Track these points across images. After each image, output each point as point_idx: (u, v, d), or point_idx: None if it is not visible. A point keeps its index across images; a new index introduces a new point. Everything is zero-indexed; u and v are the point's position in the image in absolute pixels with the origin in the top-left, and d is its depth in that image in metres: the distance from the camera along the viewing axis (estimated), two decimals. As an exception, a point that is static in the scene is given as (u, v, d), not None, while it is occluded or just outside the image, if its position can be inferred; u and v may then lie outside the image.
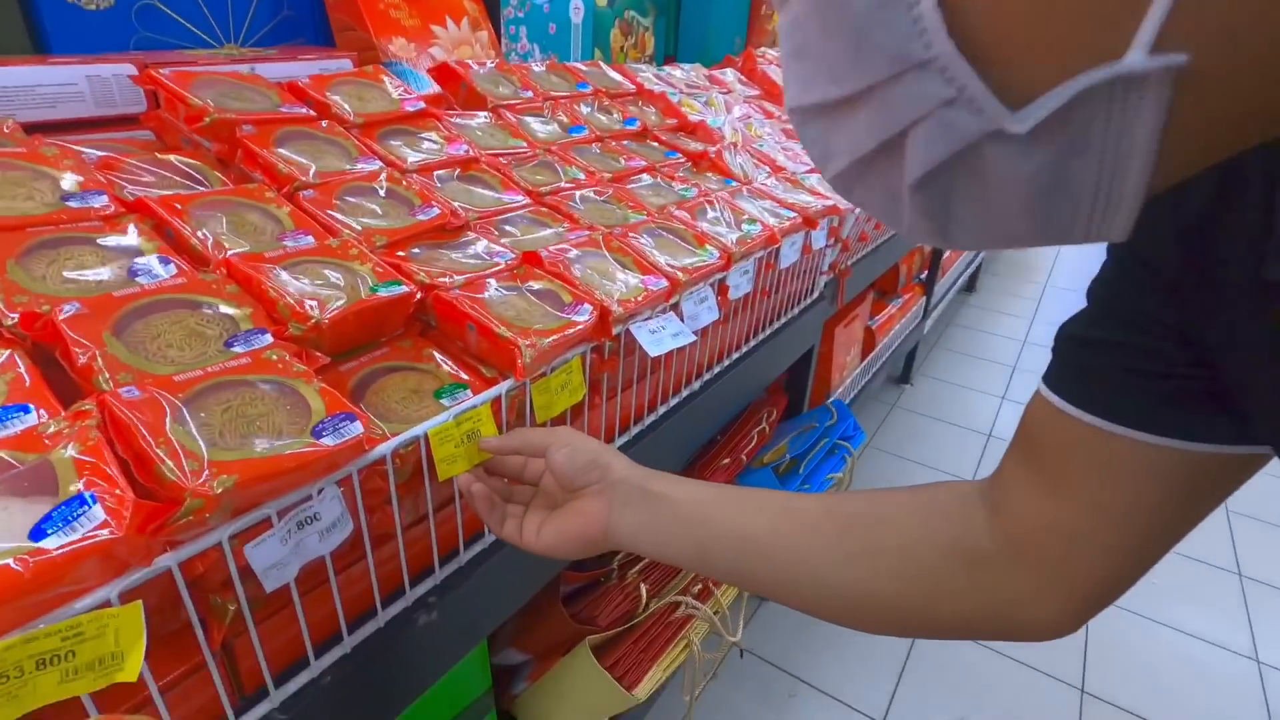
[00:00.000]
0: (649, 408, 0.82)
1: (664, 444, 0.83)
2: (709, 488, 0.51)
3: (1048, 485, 0.39)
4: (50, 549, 0.33)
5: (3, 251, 0.48)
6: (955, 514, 0.44)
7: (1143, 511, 0.35)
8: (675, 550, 0.49)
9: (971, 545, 0.42)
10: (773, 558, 0.46)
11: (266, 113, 0.73)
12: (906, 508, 0.45)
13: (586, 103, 1.13)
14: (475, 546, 0.61)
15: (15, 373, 0.42)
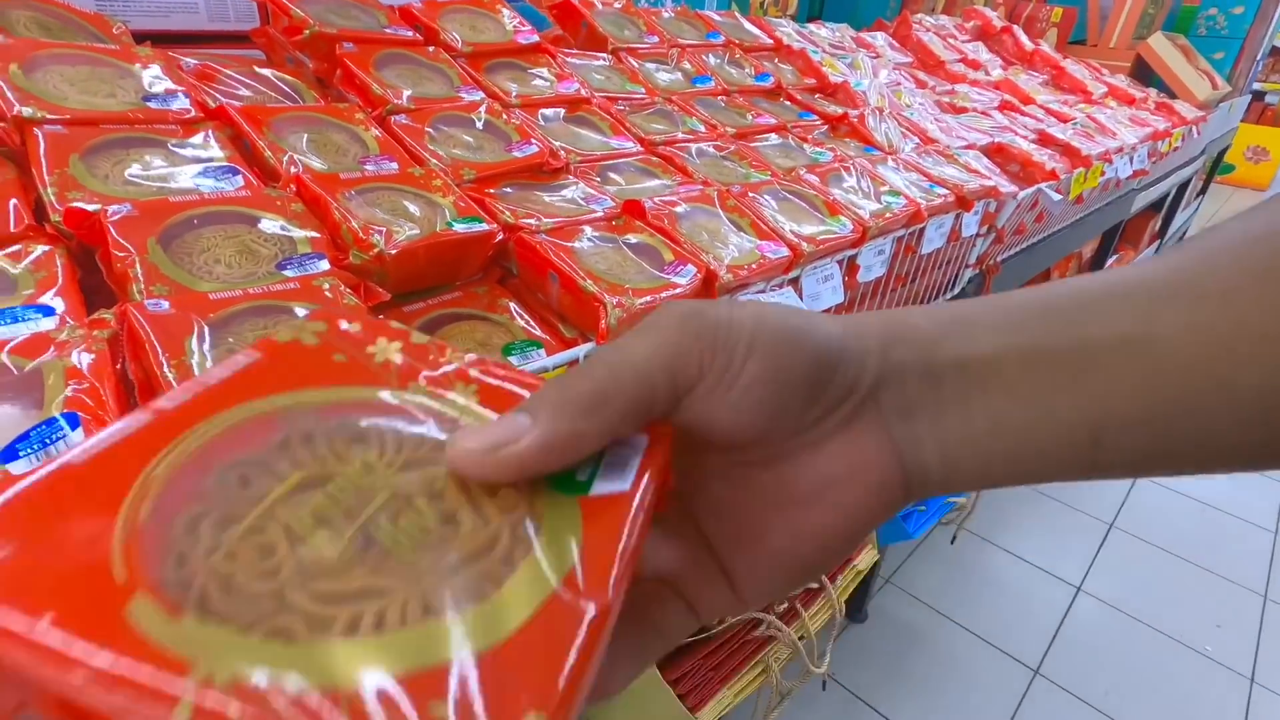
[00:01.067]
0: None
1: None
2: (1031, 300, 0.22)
3: None
4: (14, 474, 0.28)
5: (70, 145, 0.45)
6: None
7: None
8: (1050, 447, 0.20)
9: None
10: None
11: (370, 31, 0.68)
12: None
13: (716, 54, 1.02)
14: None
15: (48, 271, 0.38)
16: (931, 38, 1.51)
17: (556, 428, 0.16)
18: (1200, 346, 0.18)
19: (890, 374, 0.20)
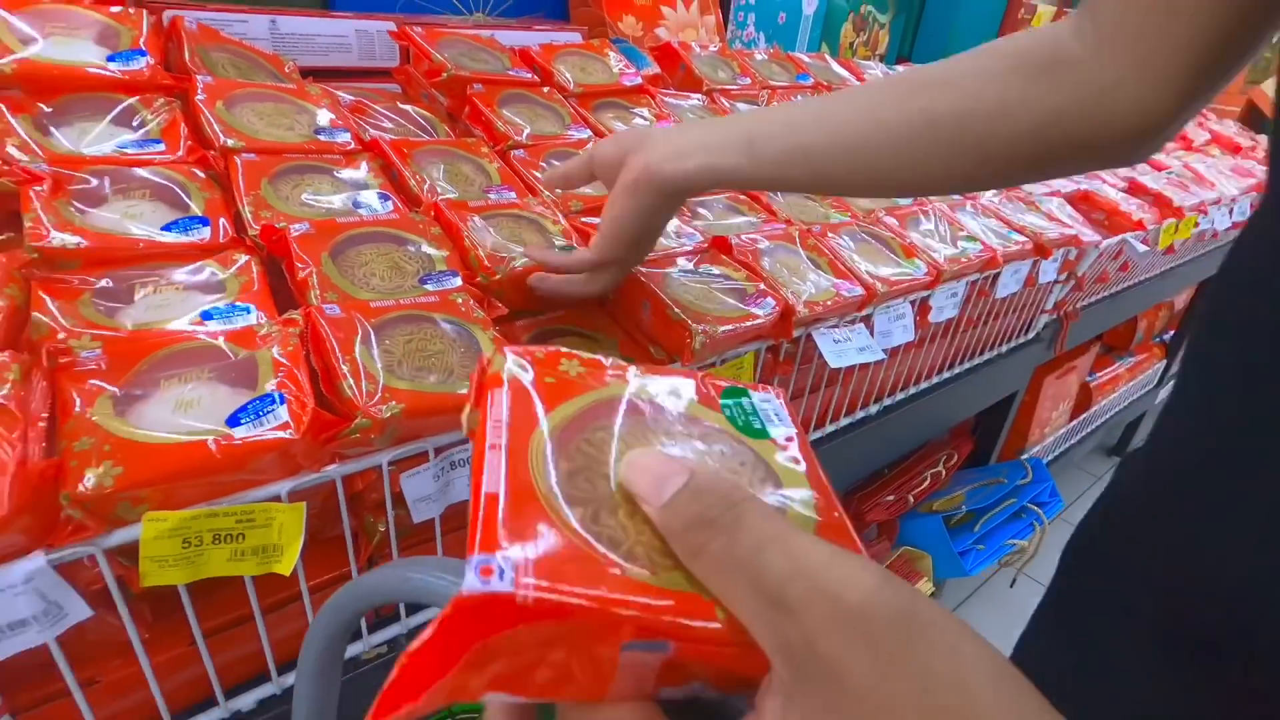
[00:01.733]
0: (817, 423, 0.75)
1: (827, 462, 0.76)
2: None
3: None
4: (237, 437, 0.36)
5: (261, 171, 0.54)
6: (1030, 35, 0.39)
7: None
8: (726, 158, 0.43)
9: (1051, 50, 0.37)
10: (828, 121, 0.41)
11: (496, 74, 0.77)
12: (975, 50, 0.41)
13: (804, 95, 1.07)
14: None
15: (249, 276, 0.47)
16: (1023, 80, 1.51)
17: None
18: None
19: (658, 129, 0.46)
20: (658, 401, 0.24)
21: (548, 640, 0.17)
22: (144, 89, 0.56)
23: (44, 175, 0.46)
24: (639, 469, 0.20)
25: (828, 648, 0.15)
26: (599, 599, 0.17)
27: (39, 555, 0.32)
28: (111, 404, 0.36)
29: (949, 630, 0.15)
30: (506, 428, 0.21)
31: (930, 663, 0.15)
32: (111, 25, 0.58)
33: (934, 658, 0.15)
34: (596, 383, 0.24)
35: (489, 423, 0.21)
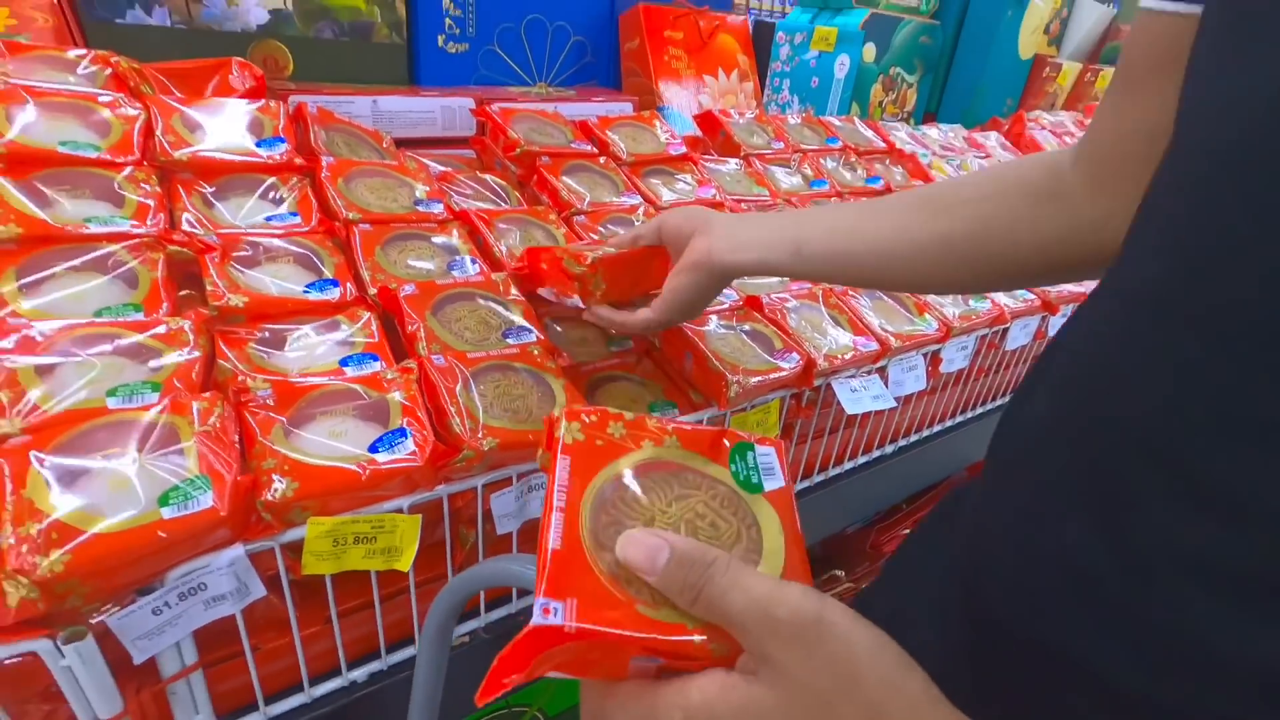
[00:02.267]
0: (836, 460, 0.84)
1: (845, 496, 0.85)
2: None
3: (1128, 88, 0.39)
4: (379, 461, 0.46)
5: (375, 239, 0.66)
6: (1037, 163, 0.46)
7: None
8: (776, 255, 0.52)
9: (1053, 182, 0.44)
10: (863, 233, 0.50)
11: (560, 147, 0.88)
12: (988, 172, 0.49)
13: (834, 157, 1.17)
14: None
15: (370, 331, 0.58)
16: (1046, 135, 1.59)
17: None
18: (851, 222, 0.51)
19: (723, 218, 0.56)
20: (680, 462, 0.34)
21: (586, 650, 0.27)
22: (283, 170, 0.69)
23: (215, 246, 0.59)
24: (634, 546, 0.28)
25: (771, 650, 0.25)
26: (617, 635, 0.27)
27: (239, 546, 0.43)
28: (283, 432, 0.47)
29: (844, 623, 0.25)
30: (565, 492, 0.31)
31: (833, 648, 0.24)
32: (257, 117, 0.71)
33: (835, 644, 0.24)
34: (635, 445, 0.34)
35: (555, 487, 0.31)
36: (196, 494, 0.41)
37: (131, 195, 0.59)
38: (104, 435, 0.43)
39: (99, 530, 0.38)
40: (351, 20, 0.96)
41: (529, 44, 1.13)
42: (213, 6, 0.86)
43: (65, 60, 0.70)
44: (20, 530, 0.37)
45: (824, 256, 0.51)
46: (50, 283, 0.52)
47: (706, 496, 0.33)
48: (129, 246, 0.55)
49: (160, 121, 0.65)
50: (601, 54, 1.22)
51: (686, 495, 0.32)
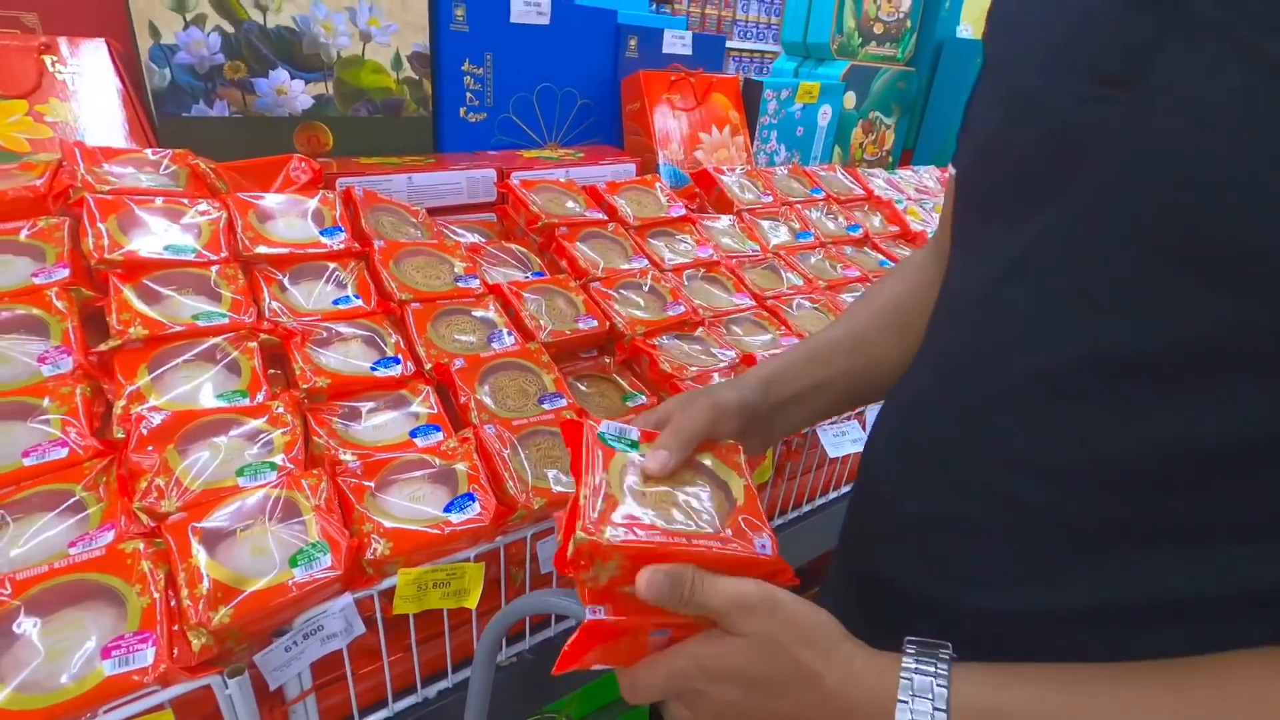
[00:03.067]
0: (822, 490, 0.96)
1: (830, 521, 0.97)
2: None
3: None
4: (454, 522, 0.58)
5: (426, 316, 0.78)
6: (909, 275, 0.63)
7: None
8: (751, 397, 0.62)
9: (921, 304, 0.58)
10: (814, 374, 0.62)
11: (575, 217, 1.00)
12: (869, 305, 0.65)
13: (817, 208, 1.29)
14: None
15: (430, 403, 0.70)
16: (1014, 173, 1.72)
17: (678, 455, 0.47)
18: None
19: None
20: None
21: (619, 636, 0.40)
22: (343, 256, 0.80)
23: (297, 331, 0.70)
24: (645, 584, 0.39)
25: (744, 623, 0.38)
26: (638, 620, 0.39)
27: (348, 595, 0.54)
28: (373, 499, 0.59)
29: (789, 601, 0.38)
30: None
31: (782, 613, 0.38)
32: (319, 208, 0.82)
33: (784, 610, 0.38)
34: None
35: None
36: (319, 556, 0.52)
37: (226, 291, 0.70)
38: (240, 508, 0.54)
39: (252, 590, 0.49)
40: (384, 99, 1.07)
41: (540, 109, 1.24)
42: (265, 96, 0.97)
43: (150, 161, 0.81)
44: (194, 591, 0.48)
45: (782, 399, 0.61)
46: (172, 375, 0.63)
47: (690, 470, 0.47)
48: (230, 338, 0.66)
49: (239, 219, 0.76)
50: (604, 114, 1.33)
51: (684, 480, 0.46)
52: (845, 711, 0.36)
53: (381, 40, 1.03)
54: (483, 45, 1.13)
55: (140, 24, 0.86)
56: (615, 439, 0.47)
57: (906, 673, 0.35)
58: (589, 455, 0.45)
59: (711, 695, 0.39)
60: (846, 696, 0.36)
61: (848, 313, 0.64)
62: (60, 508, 0.52)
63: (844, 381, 0.60)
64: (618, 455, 0.46)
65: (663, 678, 0.40)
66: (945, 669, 0.35)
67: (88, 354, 0.62)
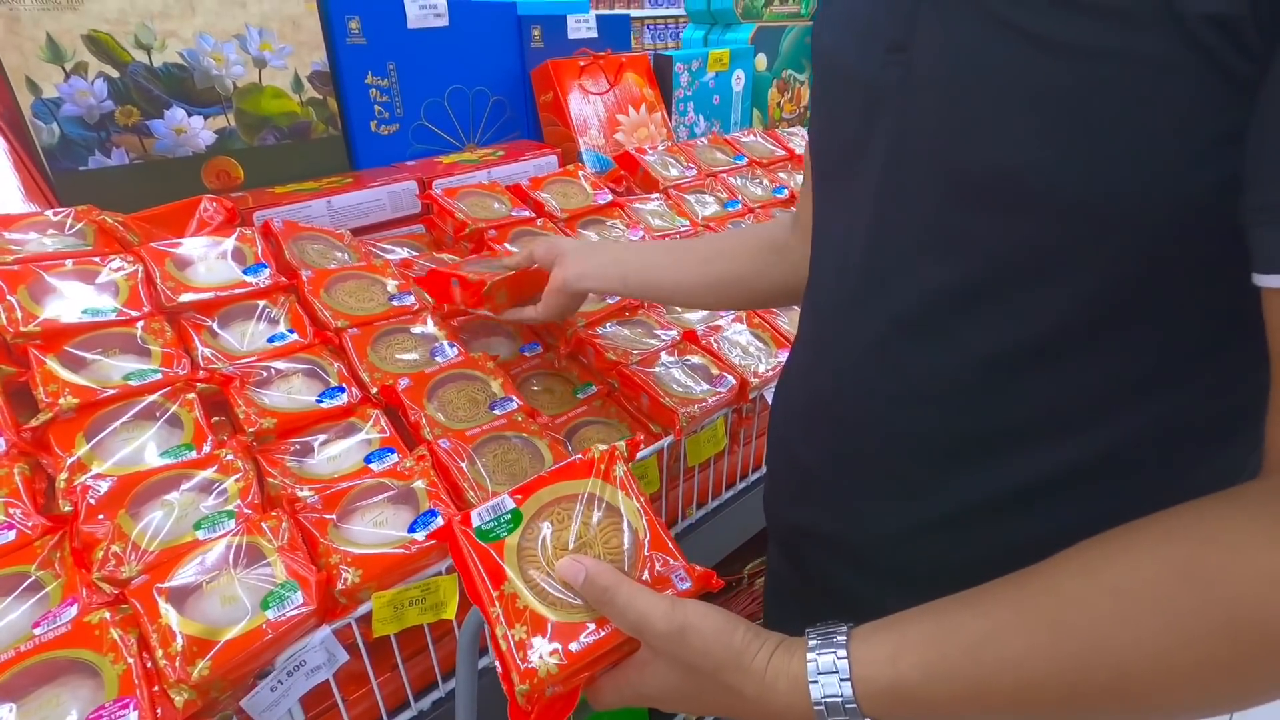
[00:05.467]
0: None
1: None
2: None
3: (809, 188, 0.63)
4: (420, 540, 0.59)
5: (364, 341, 0.78)
6: (774, 227, 0.71)
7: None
8: (609, 284, 0.73)
9: (782, 236, 0.69)
10: (665, 271, 0.71)
11: (502, 219, 1.00)
12: (745, 233, 0.74)
13: (741, 175, 1.31)
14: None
15: (381, 426, 0.70)
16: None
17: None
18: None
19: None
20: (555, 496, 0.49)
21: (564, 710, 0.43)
22: (271, 292, 0.79)
23: (234, 376, 0.69)
24: (565, 569, 0.45)
25: (653, 641, 0.42)
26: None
27: (326, 628, 0.55)
28: (336, 529, 0.60)
29: (695, 626, 0.40)
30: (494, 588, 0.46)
31: (692, 646, 0.40)
32: (238, 246, 0.81)
33: (692, 641, 0.40)
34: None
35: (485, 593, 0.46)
36: (290, 595, 0.53)
37: (154, 346, 0.69)
38: (202, 562, 0.54)
39: (227, 639, 0.50)
40: (290, 124, 1.05)
41: (453, 112, 1.23)
42: (164, 138, 0.94)
43: (53, 222, 0.78)
44: (169, 650, 0.49)
45: (641, 287, 0.71)
46: (112, 439, 0.62)
47: (583, 509, 0.49)
48: (166, 393, 0.66)
49: (157, 270, 0.75)
50: (519, 108, 1.32)
51: (567, 519, 0.48)
52: (771, 708, 0.39)
53: (277, 64, 1.01)
54: (383, 55, 1.11)
55: (17, 80, 0.83)
56: (493, 525, 0.47)
57: (813, 675, 0.37)
58: (478, 572, 0.45)
59: (655, 700, 0.44)
60: (767, 705, 0.39)
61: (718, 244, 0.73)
62: (17, 590, 0.52)
63: (700, 283, 0.70)
64: (506, 543, 0.46)
65: (613, 699, 0.45)
66: (845, 659, 0.37)
67: (19, 431, 0.60)
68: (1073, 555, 0.35)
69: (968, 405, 0.43)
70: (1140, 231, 0.34)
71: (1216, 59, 0.29)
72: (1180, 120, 0.31)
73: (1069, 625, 0.33)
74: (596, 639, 0.43)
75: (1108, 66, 0.31)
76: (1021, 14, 0.33)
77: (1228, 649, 0.29)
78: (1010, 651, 0.34)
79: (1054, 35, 0.33)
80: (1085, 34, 0.31)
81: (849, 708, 0.36)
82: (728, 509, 0.91)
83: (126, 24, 0.87)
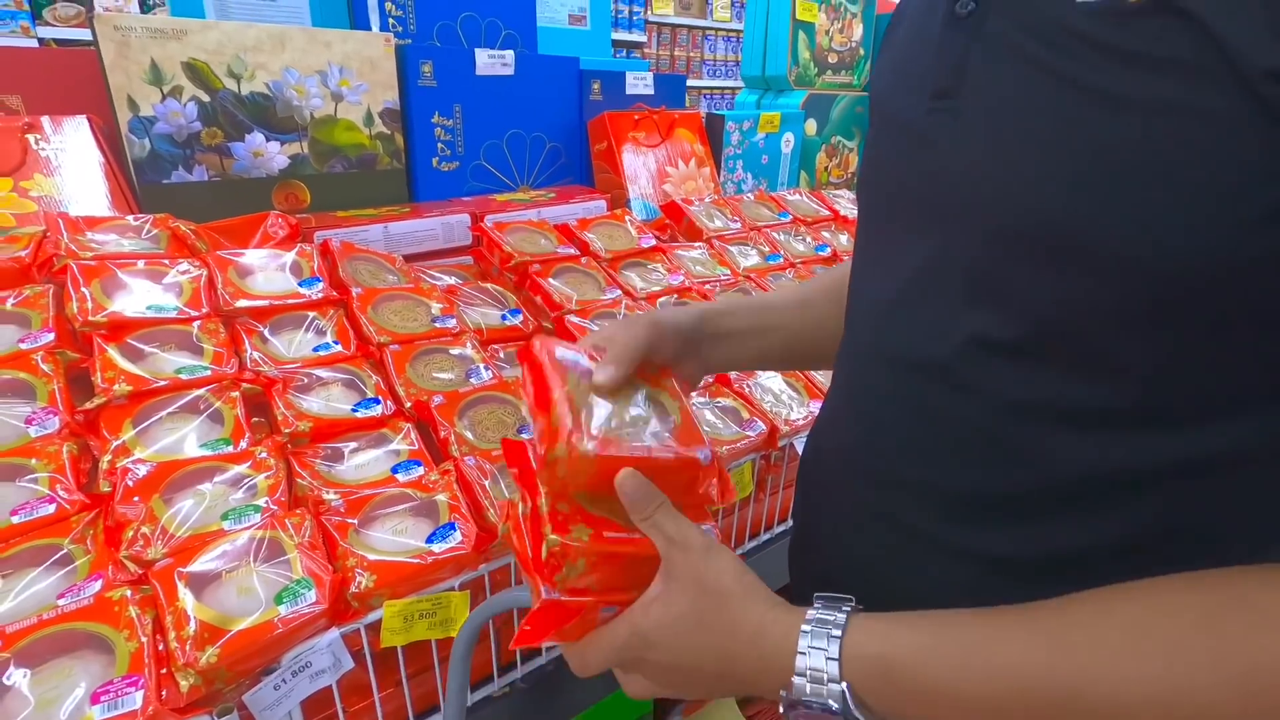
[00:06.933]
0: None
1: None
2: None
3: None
4: (436, 552, 0.59)
5: (404, 358, 0.80)
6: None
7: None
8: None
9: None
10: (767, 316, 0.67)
11: (547, 254, 1.03)
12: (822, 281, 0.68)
13: (785, 230, 1.33)
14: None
15: (411, 440, 0.71)
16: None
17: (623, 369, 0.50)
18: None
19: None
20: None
21: (574, 616, 0.42)
22: (322, 305, 0.82)
23: (278, 379, 0.72)
24: (626, 480, 0.43)
25: (683, 561, 0.42)
26: (586, 601, 0.42)
27: (335, 630, 0.55)
28: (356, 534, 0.60)
29: (722, 553, 0.42)
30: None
31: (712, 564, 0.42)
32: (297, 260, 0.85)
33: (717, 561, 0.42)
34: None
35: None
36: (304, 592, 0.53)
37: (208, 345, 0.72)
38: (225, 551, 0.55)
39: (238, 629, 0.50)
40: (358, 155, 1.11)
41: (510, 154, 1.29)
42: (242, 159, 1.01)
43: (132, 227, 0.84)
44: (181, 633, 0.49)
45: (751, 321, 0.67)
46: (157, 428, 0.64)
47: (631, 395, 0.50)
48: (212, 389, 0.68)
49: (219, 276, 0.79)
50: (574, 155, 1.38)
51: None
52: (758, 658, 0.39)
53: (353, 100, 1.08)
54: (451, 98, 1.18)
55: (119, 99, 0.90)
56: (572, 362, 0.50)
57: (808, 623, 0.38)
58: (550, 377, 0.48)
59: (650, 659, 0.43)
60: (758, 645, 0.39)
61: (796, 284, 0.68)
62: (48, 561, 0.53)
63: (781, 334, 0.64)
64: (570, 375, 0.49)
65: (607, 649, 0.44)
66: (843, 618, 0.38)
67: (74, 413, 0.63)
68: (1094, 590, 0.34)
69: (1001, 462, 0.41)
70: (1192, 292, 0.32)
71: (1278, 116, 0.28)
72: (1238, 178, 0.30)
73: (1071, 645, 0.32)
74: (629, 537, 0.43)
75: (1163, 121, 0.30)
76: (1074, 66, 0.33)
77: (1238, 704, 0.28)
78: (1004, 657, 0.33)
79: (1108, 88, 0.32)
80: (1140, 87, 0.31)
81: (830, 661, 0.36)
82: (751, 559, 0.88)
83: (223, 54, 0.95)
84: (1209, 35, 0.29)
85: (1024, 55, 0.35)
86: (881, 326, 0.47)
